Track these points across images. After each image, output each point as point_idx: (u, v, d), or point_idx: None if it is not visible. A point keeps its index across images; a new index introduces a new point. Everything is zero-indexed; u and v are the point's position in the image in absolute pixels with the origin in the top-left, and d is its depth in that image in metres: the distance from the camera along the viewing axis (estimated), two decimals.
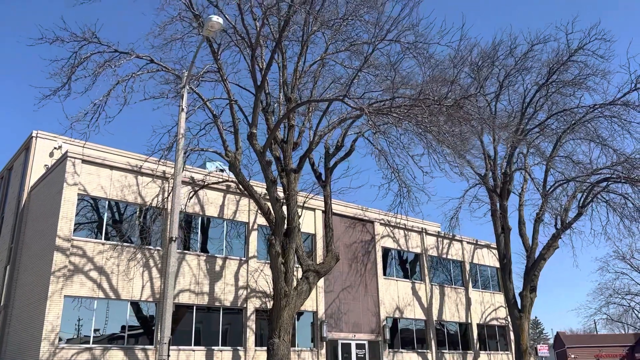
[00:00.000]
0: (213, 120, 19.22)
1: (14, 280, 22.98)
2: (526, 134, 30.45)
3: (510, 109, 31.81)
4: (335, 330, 26.58)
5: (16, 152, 27.16)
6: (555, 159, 31.05)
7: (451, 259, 34.85)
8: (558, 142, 30.75)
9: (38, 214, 22.51)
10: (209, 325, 22.49)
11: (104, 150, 24.52)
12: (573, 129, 30.52)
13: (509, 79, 31.15)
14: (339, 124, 20.60)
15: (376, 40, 18.38)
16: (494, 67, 30.71)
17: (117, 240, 21.03)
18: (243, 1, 17.99)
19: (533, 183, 32.11)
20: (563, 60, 29.91)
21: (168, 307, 12.60)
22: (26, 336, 19.76)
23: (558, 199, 31.54)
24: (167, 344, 12.33)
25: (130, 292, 20.59)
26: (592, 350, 71.89)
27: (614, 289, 51.57)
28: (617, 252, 48.64)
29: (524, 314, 30.32)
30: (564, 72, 30.28)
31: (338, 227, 27.79)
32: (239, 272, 23.91)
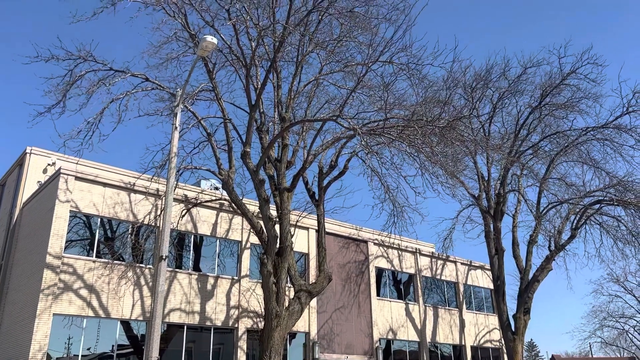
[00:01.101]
0: (207, 138, 19.18)
1: (3, 297, 22.65)
2: (519, 155, 30.54)
3: (504, 131, 31.95)
4: (327, 352, 26.21)
5: (10, 168, 27.03)
6: (549, 180, 31.11)
7: (445, 280, 34.65)
8: (551, 164, 30.79)
9: (30, 231, 22.28)
10: (199, 345, 22.16)
11: (98, 167, 24.45)
12: (566, 152, 30.62)
13: (502, 101, 31.29)
14: (333, 144, 20.54)
15: (370, 62, 18.39)
16: (488, 89, 30.85)
17: (109, 257, 20.82)
18: (238, 22, 18.04)
19: (526, 204, 32.08)
20: (556, 84, 30.09)
21: (156, 327, 12.38)
22: (14, 355, 19.37)
23: (551, 221, 31.57)
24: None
25: (121, 310, 20.31)
26: None
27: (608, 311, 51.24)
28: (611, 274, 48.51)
29: (518, 336, 30.02)
30: (557, 95, 30.43)
31: (331, 247, 27.63)
32: (230, 291, 23.64)
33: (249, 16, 18.30)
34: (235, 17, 17.59)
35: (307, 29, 18.43)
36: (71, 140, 16.27)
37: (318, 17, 18.46)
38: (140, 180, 21.23)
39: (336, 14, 18.39)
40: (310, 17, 18.08)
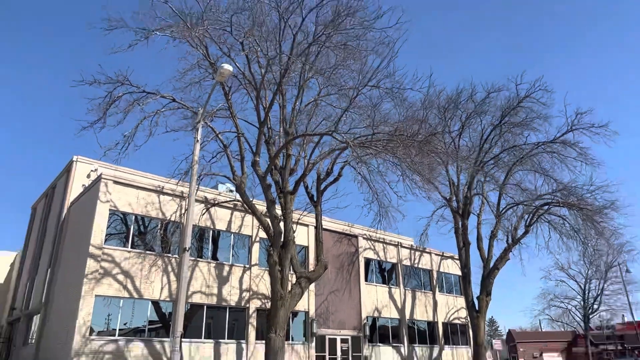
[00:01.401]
0: (223, 149, 19.14)
1: (53, 281, 22.61)
2: (483, 165, 30.62)
3: (471, 145, 31.97)
4: (323, 327, 26.21)
5: (59, 174, 26.97)
6: (507, 186, 31.18)
7: (421, 268, 34.66)
8: (509, 172, 30.89)
9: (75, 226, 22.25)
10: (217, 322, 22.10)
11: (132, 172, 24.40)
12: (521, 162, 30.71)
13: (469, 119, 31.42)
14: (329, 154, 20.58)
15: (360, 86, 18.52)
16: (457, 109, 31.03)
17: (141, 248, 20.78)
18: (250, 53, 18.14)
19: (489, 206, 32.13)
20: (513, 106, 30.27)
21: (181, 307, 12.38)
22: (62, 329, 19.33)
23: (509, 219, 31.62)
24: (179, 337, 12.07)
25: (151, 292, 20.28)
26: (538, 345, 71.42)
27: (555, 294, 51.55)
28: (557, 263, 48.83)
29: (481, 314, 30.09)
30: (514, 115, 30.57)
31: (327, 241, 27.61)
32: (243, 277, 23.61)
33: (259, 48, 18.44)
34: (248, 48, 17.69)
35: (307, 59, 18.47)
36: (110, 150, 16.25)
37: (317, 49, 18.52)
38: (167, 184, 21.18)
39: (332, 47, 18.47)
40: (310, 49, 18.15)
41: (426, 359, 31.65)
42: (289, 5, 17.85)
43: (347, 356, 26.84)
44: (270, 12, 18.33)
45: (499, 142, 31.49)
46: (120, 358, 18.60)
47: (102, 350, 18.27)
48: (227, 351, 21.65)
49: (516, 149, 30.99)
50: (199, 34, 16.59)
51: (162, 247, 21.38)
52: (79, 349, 17.64)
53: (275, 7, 17.88)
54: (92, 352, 17.96)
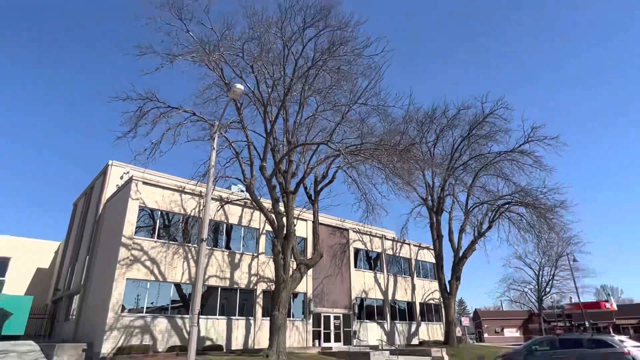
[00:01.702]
0: (235, 156, 19.01)
1: (91, 266, 22.35)
2: (454, 170, 30.63)
3: (443, 153, 32.02)
4: (319, 306, 25.99)
5: (96, 176, 26.75)
6: (474, 188, 31.23)
7: (402, 257, 34.48)
8: (476, 176, 30.93)
9: (110, 220, 22.01)
10: (229, 301, 21.86)
11: (158, 175, 24.18)
12: (486, 168, 30.78)
13: (443, 132, 31.53)
14: (325, 160, 20.47)
15: (351, 103, 18.46)
16: (433, 123, 31.17)
17: (166, 239, 20.56)
18: (259, 75, 18.05)
19: (458, 204, 32.18)
20: (479, 121, 30.39)
21: (198, 289, 12.16)
22: (98, 307, 19.10)
23: (475, 216, 31.67)
24: (197, 315, 11.89)
25: (174, 276, 20.06)
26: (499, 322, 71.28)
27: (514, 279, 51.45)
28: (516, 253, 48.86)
29: (452, 296, 30.00)
30: (480, 129, 30.68)
31: (323, 233, 27.44)
32: (251, 263, 23.39)
33: (266, 71, 18.34)
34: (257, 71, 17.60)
35: (307, 80, 18.41)
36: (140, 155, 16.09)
37: (315, 72, 18.48)
38: (188, 185, 20.99)
39: (328, 70, 18.44)
40: (309, 72, 18.09)
41: (406, 333, 31.46)
42: (291, 35, 17.85)
43: (339, 331, 26.64)
44: (275, 40, 18.32)
45: (467, 151, 31.56)
46: (147, 332, 18.37)
47: (132, 325, 18.04)
48: (237, 326, 21.43)
49: (482, 157, 31.07)
50: (216, 58, 16.52)
51: (183, 238, 21.14)
52: (112, 323, 17.43)
53: (280, 37, 17.87)
54: (123, 326, 17.73)
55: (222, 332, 20.76)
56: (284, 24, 17.56)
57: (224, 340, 20.64)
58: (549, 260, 46.80)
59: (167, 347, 18.48)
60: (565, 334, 17.50)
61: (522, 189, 29.53)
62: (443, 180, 31.01)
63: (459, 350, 25.80)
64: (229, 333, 21.00)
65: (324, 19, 17.02)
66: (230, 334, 21.02)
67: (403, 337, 31.04)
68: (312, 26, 17.42)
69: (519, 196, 29.60)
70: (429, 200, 31.28)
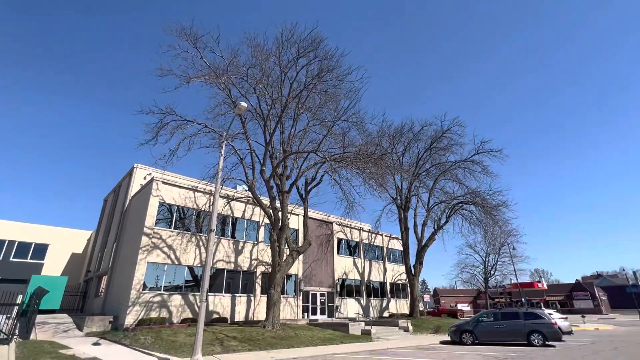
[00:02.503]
0: (240, 161, 18.85)
1: (117, 252, 21.87)
2: (418, 175, 30.84)
3: (410, 162, 32.23)
4: (308, 285, 25.86)
5: (123, 176, 26.24)
6: (434, 190, 31.46)
7: (376, 245, 34.57)
8: (436, 180, 31.18)
9: (134, 213, 21.58)
10: (233, 281, 21.61)
11: (175, 176, 23.88)
12: (444, 174, 31.05)
13: (409, 144, 31.68)
14: (314, 166, 20.41)
15: (335, 120, 18.46)
16: (402, 137, 31.29)
17: (181, 229, 20.23)
18: (260, 95, 17.93)
19: (422, 203, 32.36)
20: (439, 136, 30.66)
21: (207, 271, 11.95)
22: (123, 285, 18.71)
23: (435, 212, 31.85)
24: (205, 293, 11.68)
25: (187, 260, 19.73)
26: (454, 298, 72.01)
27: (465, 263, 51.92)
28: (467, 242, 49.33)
29: (416, 277, 30.11)
30: (440, 142, 30.95)
31: (311, 226, 27.37)
32: (252, 250, 23.17)
33: (266, 92, 18.24)
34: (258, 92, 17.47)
35: (300, 100, 18.37)
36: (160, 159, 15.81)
37: (307, 93, 18.44)
38: (200, 185, 20.74)
39: (317, 92, 18.40)
40: (302, 93, 18.05)
41: (378, 307, 31.50)
42: (287, 63, 17.79)
43: (324, 306, 26.52)
44: (274, 67, 18.24)
45: (430, 160, 31.82)
46: (164, 306, 18.03)
47: (151, 301, 17.69)
48: (240, 302, 21.18)
49: (441, 165, 31.35)
50: (224, 80, 16.35)
51: (196, 229, 20.85)
52: (134, 299, 17.07)
53: (277, 64, 17.79)
54: (144, 302, 17.38)
55: (227, 307, 20.49)
56: (281, 54, 17.52)
57: (228, 314, 20.38)
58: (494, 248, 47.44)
59: (180, 319, 18.16)
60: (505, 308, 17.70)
61: (473, 191, 29.93)
62: (409, 184, 31.23)
63: (420, 322, 25.93)
64: (233, 307, 20.75)
65: (314, 51, 17.01)
66: (234, 308, 20.77)
67: (376, 310, 31.07)
68: (304, 56, 17.41)
69: (470, 197, 29.97)
70: (398, 199, 31.43)
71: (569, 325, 20.41)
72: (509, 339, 15.57)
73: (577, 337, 19.61)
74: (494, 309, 17.57)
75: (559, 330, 15.21)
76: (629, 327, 27.65)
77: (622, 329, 25.05)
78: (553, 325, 15.05)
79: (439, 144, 30.86)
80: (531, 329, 15.21)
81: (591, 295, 61.63)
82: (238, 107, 13.43)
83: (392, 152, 28.26)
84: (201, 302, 11.51)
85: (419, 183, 31.55)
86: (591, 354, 11.88)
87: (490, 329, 16.09)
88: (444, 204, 31.24)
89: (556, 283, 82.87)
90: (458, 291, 74.93)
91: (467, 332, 16.54)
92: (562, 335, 15.91)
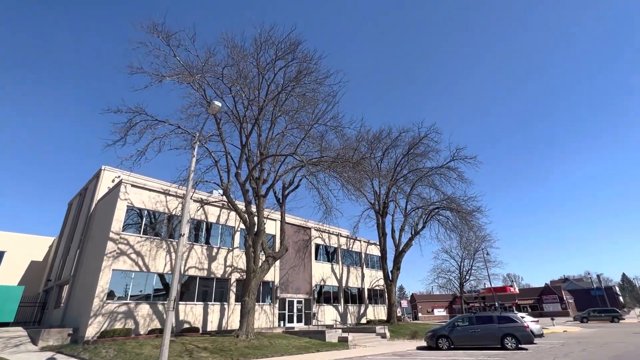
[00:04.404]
0: (214, 164, 18.25)
1: (80, 259, 20.54)
2: (396, 181, 31.07)
3: (388, 167, 32.46)
4: (284, 293, 25.29)
5: (90, 178, 24.86)
6: (412, 195, 31.75)
7: (354, 251, 34.44)
8: (413, 186, 31.49)
9: (100, 218, 20.39)
10: (206, 289, 20.76)
11: (146, 179, 22.91)
12: (421, 180, 31.42)
13: (387, 150, 31.90)
14: (291, 169, 20.11)
15: (312, 123, 18.26)
16: (380, 142, 31.47)
17: (151, 234, 19.26)
18: (236, 96, 17.50)
19: (399, 208, 32.60)
20: (416, 142, 31.05)
21: (175, 278, 11.29)
22: (85, 295, 17.52)
23: (412, 218, 32.15)
24: (173, 301, 11.01)
25: (157, 267, 18.77)
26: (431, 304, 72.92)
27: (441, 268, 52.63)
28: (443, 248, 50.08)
29: (393, 282, 30.16)
30: (417, 148, 31.32)
31: (289, 231, 26.92)
32: (227, 256, 22.41)
33: (243, 93, 17.83)
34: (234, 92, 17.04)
35: (277, 103, 18.07)
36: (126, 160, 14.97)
37: (285, 96, 18.17)
38: (172, 188, 19.92)
39: (295, 95, 18.18)
40: (279, 96, 17.77)
41: (356, 314, 31.27)
42: (265, 65, 17.48)
43: (301, 313, 25.99)
44: (251, 68, 17.86)
45: (407, 166, 32.14)
46: (130, 317, 17.00)
47: (116, 311, 16.63)
48: (213, 310, 20.34)
49: (418, 171, 31.73)
50: (199, 80, 15.82)
51: (167, 234, 19.92)
52: (97, 310, 15.99)
53: (255, 65, 17.44)
54: (107, 312, 16.30)
55: (199, 316, 19.62)
56: (259, 55, 17.20)
57: (200, 323, 19.51)
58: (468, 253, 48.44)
59: (148, 330, 17.17)
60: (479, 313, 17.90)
61: (449, 197, 30.43)
62: (387, 189, 31.41)
63: (398, 327, 25.90)
64: (205, 316, 19.89)
65: (292, 52, 16.81)
66: (206, 317, 19.91)
67: (354, 317, 30.82)
68: (282, 58, 17.17)
69: (446, 202, 30.46)
70: (376, 205, 31.52)
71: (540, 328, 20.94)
72: (484, 343, 15.70)
73: (548, 339, 20.12)
74: (468, 314, 17.70)
75: (531, 333, 15.49)
76: (594, 329, 28.81)
77: (589, 331, 26.03)
78: (526, 329, 15.31)
79: (416, 150, 31.27)
80: (505, 333, 15.41)
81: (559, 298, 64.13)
82: (212, 107, 12.97)
83: (370, 157, 28.37)
84: (167, 310, 10.85)
85: (396, 189, 31.80)
86: (562, 357, 12.11)
87: (465, 333, 16.18)
88: (420, 210, 31.59)
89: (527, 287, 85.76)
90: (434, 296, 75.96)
91: (443, 337, 16.56)
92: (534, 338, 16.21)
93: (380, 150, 31.73)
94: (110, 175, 22.63)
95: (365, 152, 27.43)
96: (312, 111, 18.33)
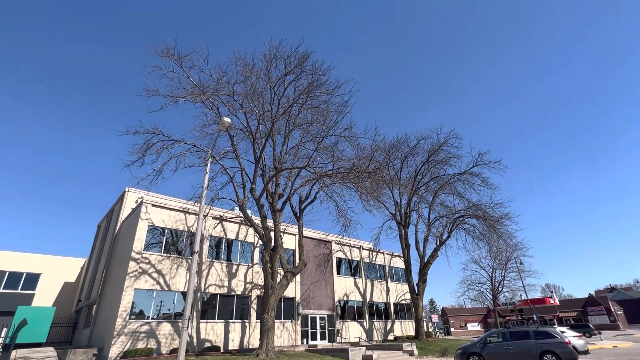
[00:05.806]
0: (230, 180, 18.33)
1: (106, 279, 21.05)
2: (417, 190, 30.15)
3: (408, 176, 31.62)
4: (306, 309, 24.71)
5: (116, 200, 25.75)
6: (434, 204, 30.63)
7: (377, 264, 33.47)
8: (435, 194, 30.42)
9: (124, 238, 20.93)
10: (227, 306, 20.60)
11: (167, 198, 23.40)
12: (443, 188, 30.33)
13: (406, 158, 31.13)
14: (307, 182, 19.86)
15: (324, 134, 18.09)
16: (397, 151, 30.78)
17: (172, 253, 19.47)
18: (248, 112, 17.67)
19: (422, 218, 31.48)
20: (436, 149, 30.11)
21: (189, 296, 11.18)
22: (109, 314, 17.78)
23: (437, 228, 30.91)
24: (187, 320, 10.89)
25: (178, 285, 18.85)
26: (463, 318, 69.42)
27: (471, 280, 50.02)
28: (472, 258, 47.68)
29: (420, 296, 28.82)
30: (437, 155, 30.35)
31: (309, 245, 26.54)
32: (247, 273, 22.26)
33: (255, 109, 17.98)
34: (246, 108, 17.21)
35: (290, 116, 18.07)
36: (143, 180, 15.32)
37: (297, 109, 18.16)
38: (191, 206, 20.17)
39: (307, 108, 18.14)
40: (291, 109, 17.77)
41: (382, 330, 30.05)
42: (276, 80, 17.62)
43: (324, 330, 25.24)
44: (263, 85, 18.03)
45: (428, 174, 31.17)
46: (152, 336, 17.04)
47: (138, 330, 16.73)
48: (234, 328, 20.11)
49: (439, 179, 30.68)
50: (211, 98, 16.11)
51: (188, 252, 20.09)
52: (120, 329, 16.14)
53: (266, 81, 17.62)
54: (130, 331, 16.42)
55: (220, 335, 19.41)
56: (269, 70, 17.37)
57: (221, 342, 19.28)
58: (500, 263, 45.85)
59: (169, 349, 17.11)
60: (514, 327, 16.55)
61: (474, 204, 29.07)
62: (408, 198, 30.46)
63: (426, 344, 24.51)
64: (226, 335, 19.65)
65: (300, 65, 16.84)
66: (227, 336, 19.66)
67: (380, 333, 29.61)
68: (292, 72, 17.24)
69: (471, 210, 29.11)
70: (398, 215, 30.60)
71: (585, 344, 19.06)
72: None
73: (595, 356, 18.26)
74: (502, 329, 16.40)
75: (574, 350, 14.06)
76: None
77: None
78: (567, 345, 13.92)
79: (436, 157, 30.31)
80: (543, 350, 14.07)
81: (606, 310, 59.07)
82: (221, 123, 13.07)
83: (388, 166, 27.75)
84: (182, 329, 10.71)
85: (418, 198, 30.81)
86: None
87: (498, 351, 14.94)
88: (445, 219, 30.35)
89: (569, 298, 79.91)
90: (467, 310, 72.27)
91: (474, 355, 15.38)
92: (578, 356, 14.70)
93: (398, 159, 31.04)
94: (134, 197, 23.32)
95: (383, 161, 26.86)
96: (324, 122, 18.15)
